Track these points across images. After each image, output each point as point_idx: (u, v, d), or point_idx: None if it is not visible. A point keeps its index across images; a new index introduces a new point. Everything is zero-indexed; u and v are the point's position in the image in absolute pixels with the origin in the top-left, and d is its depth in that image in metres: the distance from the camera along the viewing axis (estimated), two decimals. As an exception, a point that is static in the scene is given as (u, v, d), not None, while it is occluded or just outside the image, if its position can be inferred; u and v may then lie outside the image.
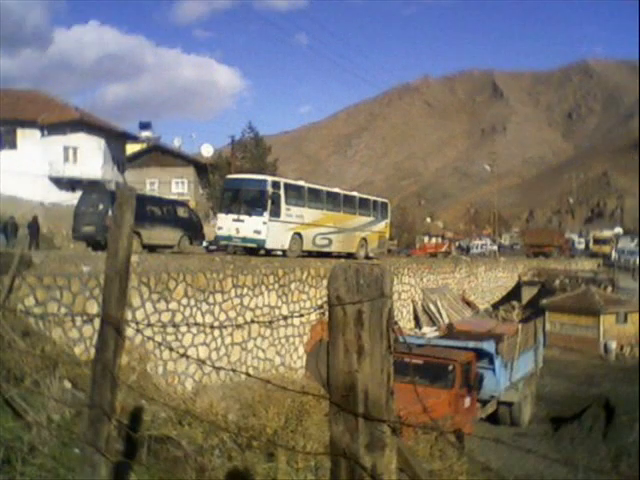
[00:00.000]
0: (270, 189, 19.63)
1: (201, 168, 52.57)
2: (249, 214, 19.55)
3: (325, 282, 1.51)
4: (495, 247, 61.98)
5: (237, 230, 19.65)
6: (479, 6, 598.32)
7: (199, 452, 5.03)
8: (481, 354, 14.32)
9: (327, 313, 1.44)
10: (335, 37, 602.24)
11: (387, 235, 27.33)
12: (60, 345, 8.62)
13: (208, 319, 13.44)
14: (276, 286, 15.74)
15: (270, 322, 15.39)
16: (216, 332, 13.40)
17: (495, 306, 32.44)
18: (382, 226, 25.99)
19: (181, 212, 21.15)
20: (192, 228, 21.18)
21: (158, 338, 11.66)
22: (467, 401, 13.18)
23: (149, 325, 11.50)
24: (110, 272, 2.56)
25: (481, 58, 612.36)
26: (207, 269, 14.08)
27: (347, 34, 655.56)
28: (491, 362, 14.44)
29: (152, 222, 18.65)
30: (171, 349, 11.60)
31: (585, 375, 21.57)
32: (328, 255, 22.33)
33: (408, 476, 3.46)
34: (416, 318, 24.30)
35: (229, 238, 20.14)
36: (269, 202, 19.47)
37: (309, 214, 21.35)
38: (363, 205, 25.01)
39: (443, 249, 52.57)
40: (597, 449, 14.46)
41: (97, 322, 2.68)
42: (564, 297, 28.75)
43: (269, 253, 20.59)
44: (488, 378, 14.07)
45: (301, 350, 16.40)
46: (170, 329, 12.20)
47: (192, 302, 13.08)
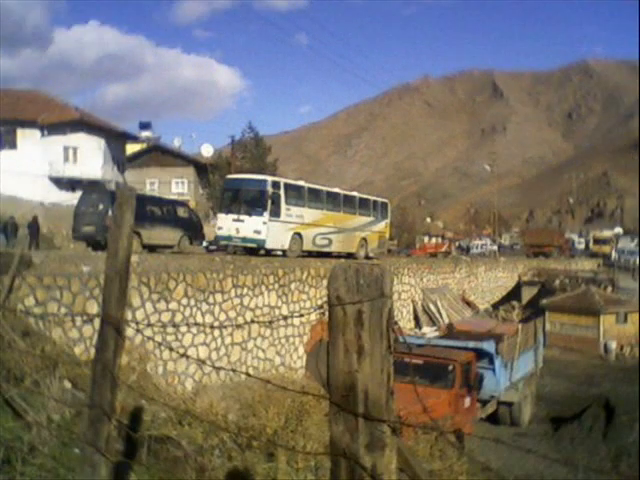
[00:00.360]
0: (270, 189, 19.63)
1: (201, 168, 52.56)
2: (249, 214, 19.55)
3: (325, 282, 1.51)
4: (495, 247, 61.96)
5: (237, 230, 19.65)
6: (479, 6, 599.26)
7: (199, 452, 5.03)
8: (481, 354, 14.33)
9: (327, 313, 1.44)
10: (335, 37, 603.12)
11: (387, 235, 27.32)
12: (60, 345, 8.62)
13: (208, 319, 13.44)
14: (276, 286, 15.74)
15: (270, 322, 15.39)
16: (216, 332, 13.40)
17: (495, 306, 32.43)
18: (382, 226, 25.99)
19: (181, 212, 21.16)
20: (192, 228, 21.19)
21: (158, 338, 11.66)
22: (467, 401, 13.18)
23: (149, 325, 11.50)
24: (110, 272, 2.56)
25: (481, 58, 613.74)
26: (207, 269, 14.08)
27: (347, 34, 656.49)
28: (491, 362, 14.45)
29: (152, 222, 18.65)
30: (171, 349, 11.60)
31: (585, 375, 21.56)
32: (328, 255, 22.33)
33: (408, 476, 3.46)
34: (416, 318, 24.30)
35: (229, 238, 20.14)
36: (269, 202, 19.47)
37: (309, 214, 21.35)
38: (363, 205, 25.00)
39: (443, 249, 52.55)
40: (597, 449, 14.46)
41: (97, 322, 2.68)
42: (564, 297, 28.75)
43: (269, 253, 20.58)
44: (488, 378, 14.08)
45: (301, 350, 16.39)
46: (170, 329, 12.20)
47: (192, 302, 13.08)
